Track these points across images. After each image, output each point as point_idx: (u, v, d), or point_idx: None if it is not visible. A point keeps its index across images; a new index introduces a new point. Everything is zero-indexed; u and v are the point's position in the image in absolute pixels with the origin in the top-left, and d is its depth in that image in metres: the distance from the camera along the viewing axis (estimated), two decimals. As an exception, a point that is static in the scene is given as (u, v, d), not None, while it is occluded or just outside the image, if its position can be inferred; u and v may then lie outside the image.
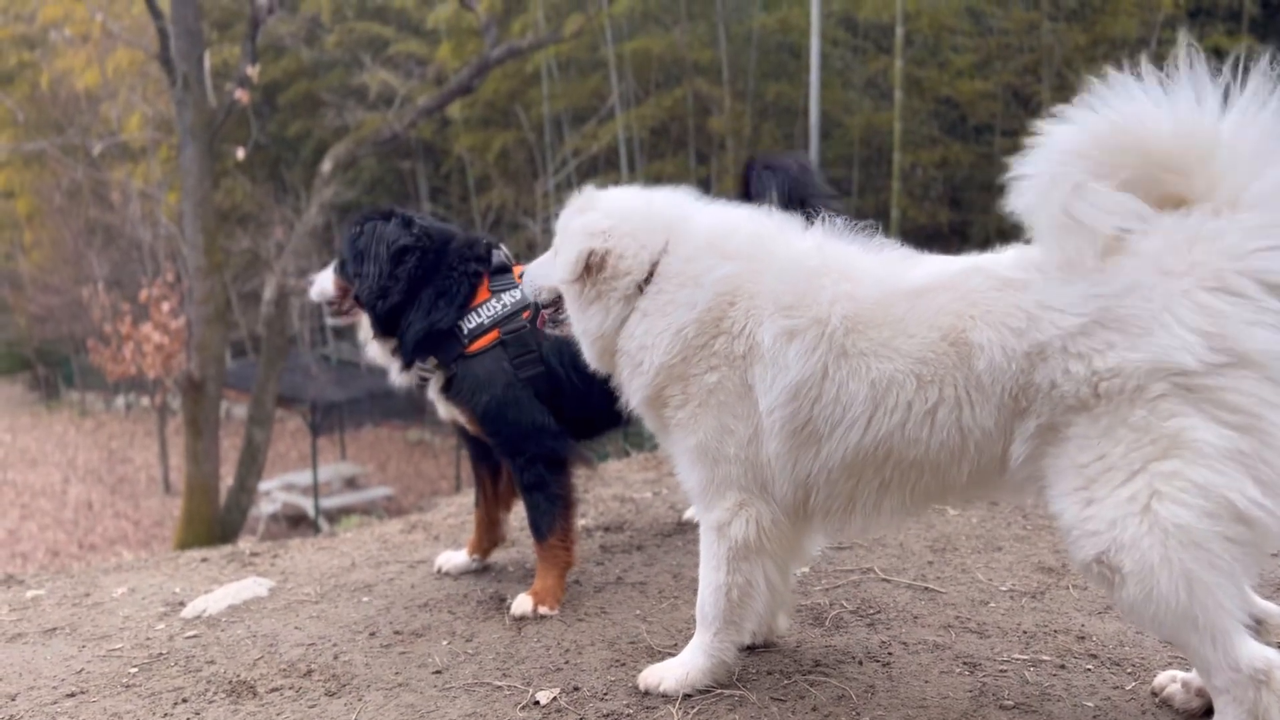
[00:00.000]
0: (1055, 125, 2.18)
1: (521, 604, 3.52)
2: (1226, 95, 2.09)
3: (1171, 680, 2.64)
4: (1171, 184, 2.17)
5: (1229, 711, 2.17)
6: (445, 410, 3.80)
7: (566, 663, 3.08)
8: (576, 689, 2.88)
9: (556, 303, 2.94)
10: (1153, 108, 2.11)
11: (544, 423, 3.62)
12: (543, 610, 3.50)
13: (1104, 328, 2.15)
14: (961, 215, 25.20)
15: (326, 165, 17.79)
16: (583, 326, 2.83)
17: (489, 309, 3.65)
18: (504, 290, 3.69)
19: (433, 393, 3.79)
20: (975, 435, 2.35)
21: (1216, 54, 2.11)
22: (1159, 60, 2.14)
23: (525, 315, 3.63)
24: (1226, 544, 2.07)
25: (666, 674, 2.80)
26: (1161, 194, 2.17)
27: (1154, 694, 2.66)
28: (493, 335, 3.61)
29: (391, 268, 3.66)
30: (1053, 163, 2.16)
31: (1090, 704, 2.64)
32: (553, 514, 3.61)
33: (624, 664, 3.03)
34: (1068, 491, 2.23)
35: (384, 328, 3.74)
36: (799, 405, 2.49)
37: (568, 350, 3.53)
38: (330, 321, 4.08)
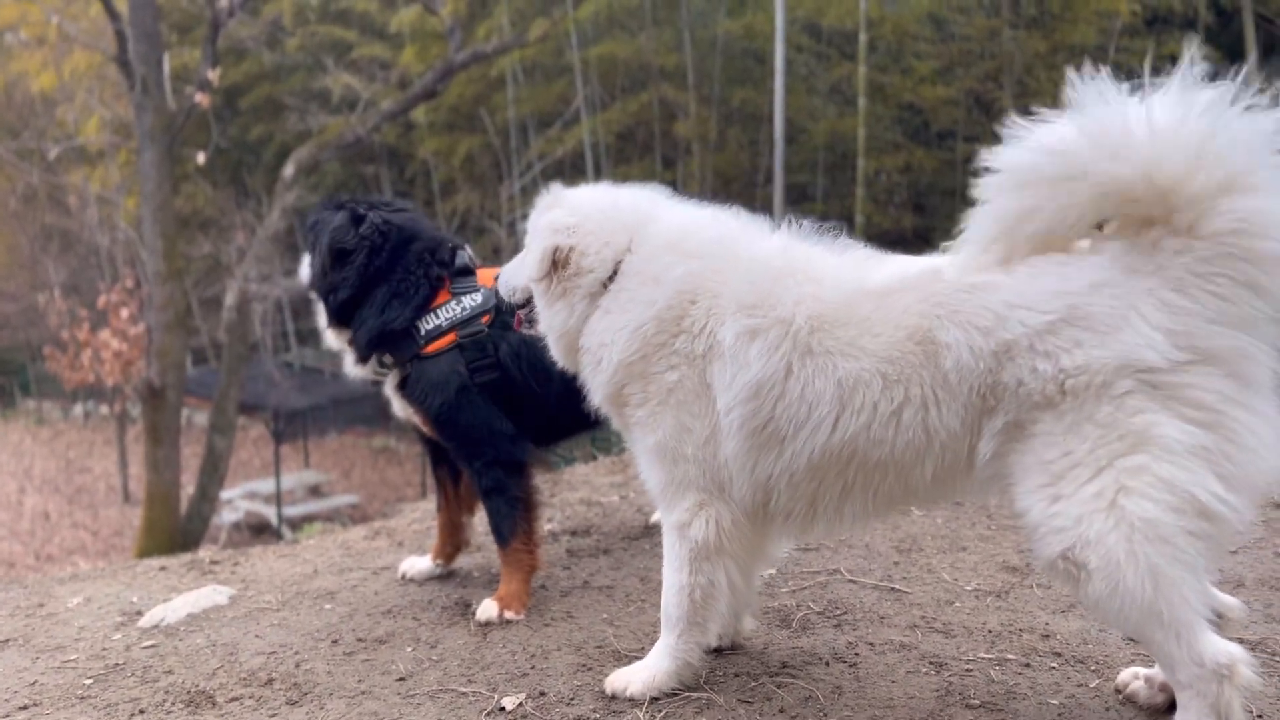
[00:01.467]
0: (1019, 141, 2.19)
1: (487, 609, 3.48)
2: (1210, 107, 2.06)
3: (1134, 677, 2.65)
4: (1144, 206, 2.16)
5: (1192, 706, 2.18)
6: (400, 408, 3.76)
7: (533, 668, 3.05)
8: (543, 694, 2.85)
9: (530, 302, 2.93)
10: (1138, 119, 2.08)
11: (500, 427, 3.59)
12: (508, 615, 3.46)
13: (1071, 325, 2.16)
14: (925, 220, 25.40)
15: (289, 170, 17.63)
16: (549, 323, 2.83)
17: (448, 311, 3.61)
18: (465, 293, 3.65)
19: (389, 389, 3.76)
20: (941, 436, 2.35)
21: (1173, 62, 2.13)
22: (1117, 67, 2.16)
23: (486, 320, 3.60)
24: (1190, 539, 2.09)
25: (633, 678, 2.78)
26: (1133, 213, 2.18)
27: (1117, 691, 2.68)
28: (450, 338, 3.57)
29: (334, 264, 3.64)
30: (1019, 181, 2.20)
31: (1055, 702, 2.66)
32: (514, 518, 3.58)
33: (591, 668, 3.01)
34: (1034, 489, 2.24)
35: (337, 319, 3.72)
36: (760, 404, 2.49)
37: (526, 356, 3.52)
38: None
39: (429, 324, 3.59)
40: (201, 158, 19.77)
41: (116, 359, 22.55)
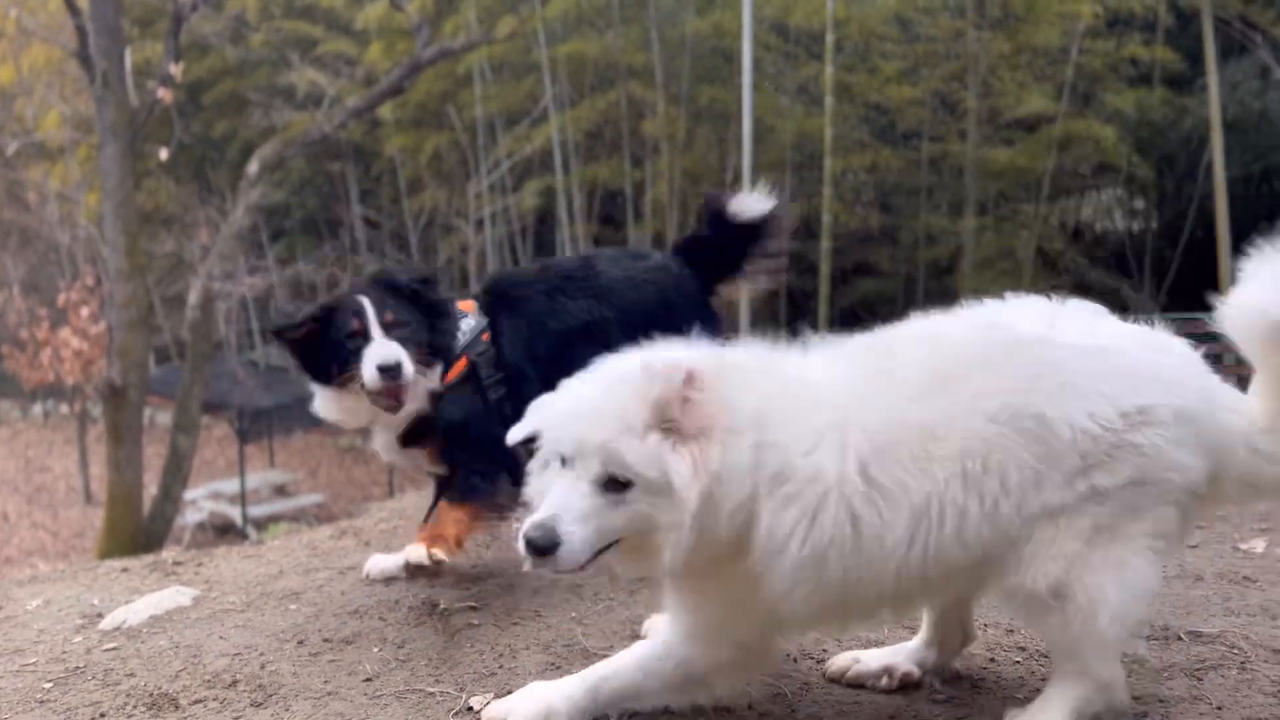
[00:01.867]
0: None
1: (414, 552, 3.45)
2: None
3: (855, 661, 2.78)
4: None
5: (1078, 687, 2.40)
6: (394, 454, 3.74)
7: (501, 667, 3.04)
8: (510, 693, 2.83)
9: None
10: None
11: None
12: (436, 553, 3.40)
13: (1189, 423, 2.28)
14: (891, 219, 25.64)
15: (253, 166, 17.46)
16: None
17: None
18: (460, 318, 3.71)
19: (383, 444, 3.73)
20: (1037, 513, 2.26)
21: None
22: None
23: (485, 338, 3.65)
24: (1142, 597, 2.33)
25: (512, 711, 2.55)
26: None
27: (834, 679, 2.78)
28: (462, 363, 3.61)
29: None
30: None
31: (1021, 696, 2.68)
32: (480, 491, 3.57)
33: (559, 667, 3.00)
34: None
35: None
36: (826, 565, 2.21)
37: (523, 352, 3.59)
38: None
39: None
40: (164, 154, 19.53)
41: (77, 358, 22.29)
